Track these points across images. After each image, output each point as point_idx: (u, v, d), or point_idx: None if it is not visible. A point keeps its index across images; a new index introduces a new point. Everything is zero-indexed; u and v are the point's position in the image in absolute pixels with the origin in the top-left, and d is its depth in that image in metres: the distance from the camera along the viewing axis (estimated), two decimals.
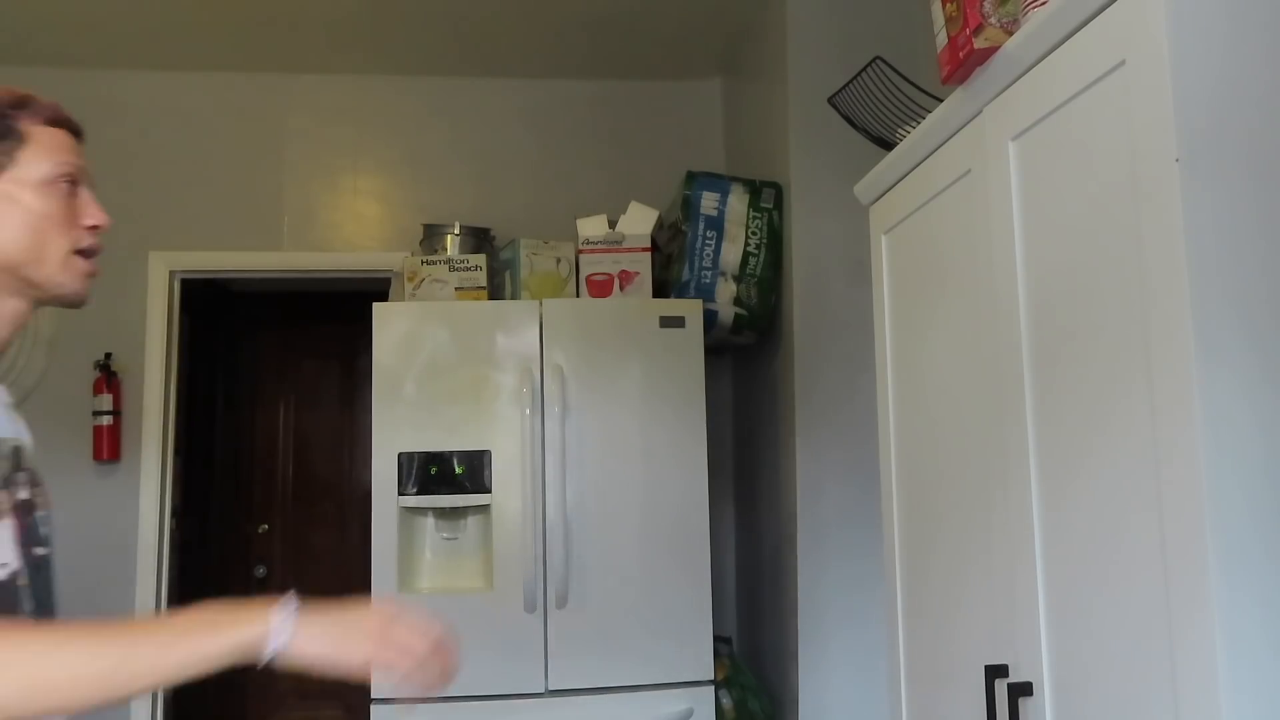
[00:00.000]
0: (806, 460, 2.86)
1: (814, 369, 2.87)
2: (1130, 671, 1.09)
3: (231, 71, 3.64)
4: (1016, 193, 1.33)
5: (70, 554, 3.76)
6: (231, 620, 0.96)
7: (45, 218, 1.19)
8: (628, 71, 3.73)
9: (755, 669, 3.18)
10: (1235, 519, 0.96)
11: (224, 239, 3.59)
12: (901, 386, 1.78)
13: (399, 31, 3.39)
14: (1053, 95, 1.23)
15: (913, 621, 1.72)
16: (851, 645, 2.78)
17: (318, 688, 4.81)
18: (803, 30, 2.98)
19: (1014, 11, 1.36)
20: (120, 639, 0.94)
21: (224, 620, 0.96)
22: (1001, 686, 1.32)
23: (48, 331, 3.45)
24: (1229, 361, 0.98)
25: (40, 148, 1.22)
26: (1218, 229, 1.00)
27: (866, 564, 2.68)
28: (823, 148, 2.85)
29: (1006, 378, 1.36)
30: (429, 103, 3.74)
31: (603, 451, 2.79)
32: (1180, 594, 1.00)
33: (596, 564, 2.76)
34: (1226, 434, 0.97)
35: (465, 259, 3.11)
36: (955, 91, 1.50)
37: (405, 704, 1.01)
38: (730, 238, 2.99)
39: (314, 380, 5.05)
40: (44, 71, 3.56)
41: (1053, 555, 1.25)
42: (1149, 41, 1.04)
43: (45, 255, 1.18)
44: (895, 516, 1.79)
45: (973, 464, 1.48)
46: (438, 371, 2.81)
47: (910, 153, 1.69)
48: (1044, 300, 1.28)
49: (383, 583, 2.73)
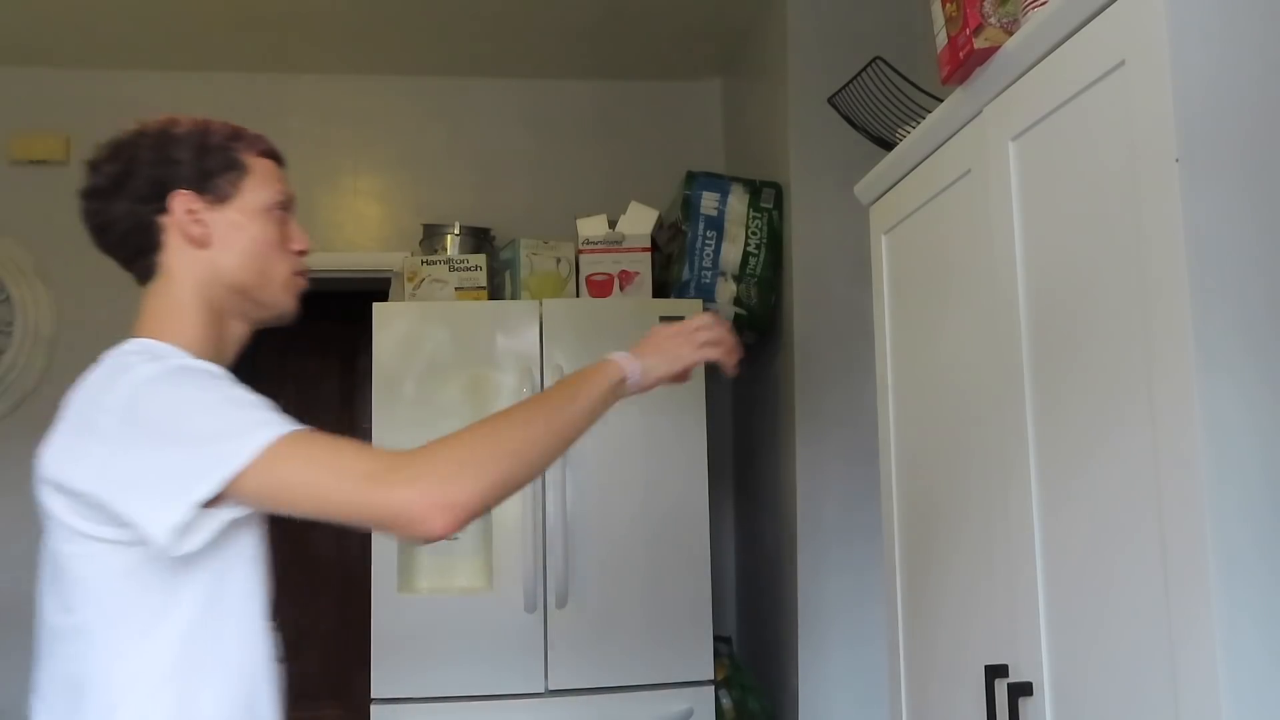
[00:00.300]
0: (806, 460, 2.86)
1: (814, 369, 2.87)
2: (1130, 671, 1.09)
3: (231, 71, 3.64)
4: (1016, 193, 1.33)
5: None
6: (601, 374, 1.23)
7: (269, 243, 1.29)
8: (628, 71, 3.73)
9: (755, 669, 3.18)
10: (1235, 518, 0.96)
11: None
12: (901, 387, 1.78)
13: (399, 31, 3.39)
14: (1053, 95, 1.23)
15: (913, 621, 1.72)
16: (851, 645, 2.78)
17: (318, 688, 4.81)
18: (803, 30, 2.98)
19: (1014, 11, 1.36)
20: (539, 409, 1.19)
21: (596, 376, 1.23)
22: (1001, 686, 1.32)
23: (48, 331, 3.46)
24: (1229, 361, 0.98)
25: (260, 177, 1.30)
26: (1218, 229, 1.00)
27: (866, 564, 2.68)
28: (823, 148, 2.85)
29: (1007, 377, 1.36)
30: (429, 103, 3.74)
31: (603, 451, 2.79)
32: (1180, 593, 1.00)
33: (596, 564, 2.76)
34: (1226, 433, 0.97)
35: (465, 259, 3.11)
36: (955, 91, 1.50)
37: None
38: (730, 238, 2.99)
39: (314, 380, 5.05)
40: (44, 71, 3.56)
41: (1053, 555, 1.25)
42: (1149, 41, 1.04)
43: (270, 278, 1.30)
44: (895, 516, 1.79)
45: (973, 464, 1.48)
46: (438, 371, 2.81)
47: (910, 153, 1.69)
48: (1044, 300, 1.28)
49: (383, 582, 2.73)
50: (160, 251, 1.25)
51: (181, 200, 1.23)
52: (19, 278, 3.45)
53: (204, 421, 1.08)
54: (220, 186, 1.26)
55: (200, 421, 1.08)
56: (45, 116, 3.57)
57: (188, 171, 1.24)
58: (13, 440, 3.34)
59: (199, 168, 1.25)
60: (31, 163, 3.52)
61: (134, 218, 1.24)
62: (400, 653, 2.70)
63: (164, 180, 1.24)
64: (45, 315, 3.45)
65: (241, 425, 1.08)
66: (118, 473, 1.08)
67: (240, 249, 1.26)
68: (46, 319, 3.45)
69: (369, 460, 1.08)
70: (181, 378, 1.12)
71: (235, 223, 1.26)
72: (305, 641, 4.79)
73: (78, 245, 1.31)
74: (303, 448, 1.08)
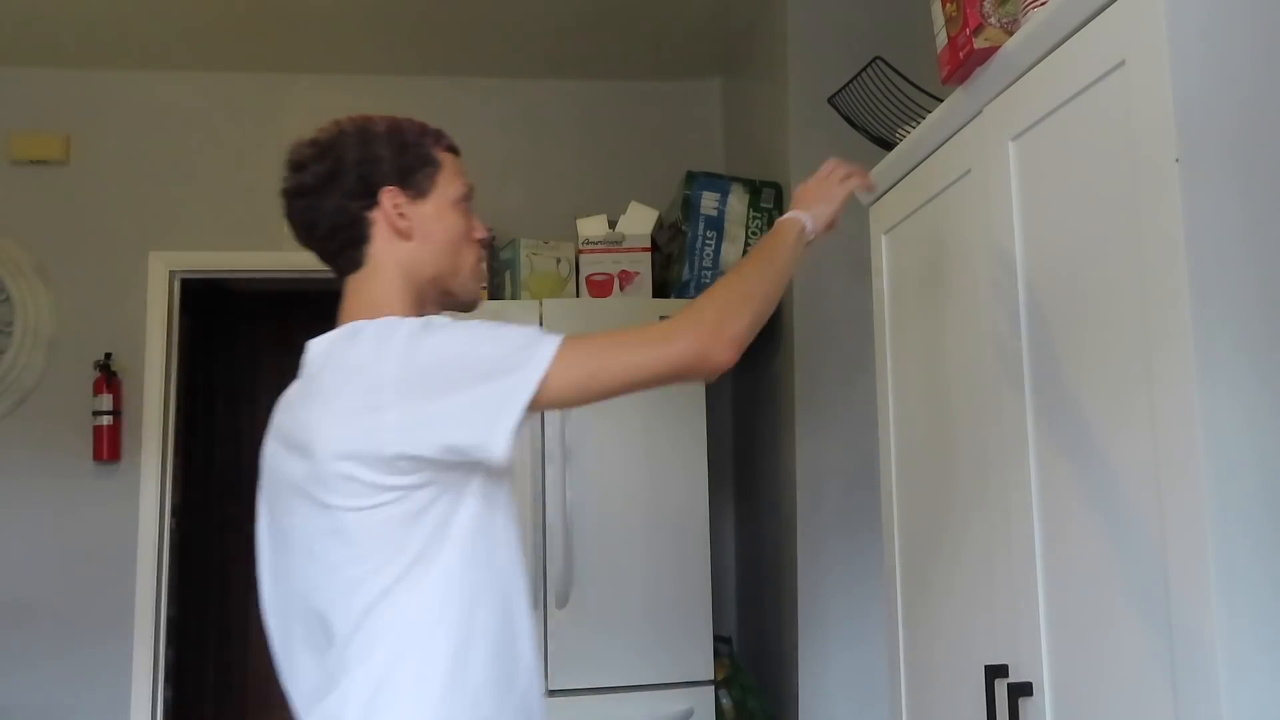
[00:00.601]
0: (806, 460, 2.86)
1: (814, 369, 2.87)
2: (1130, 671, 1.09)
3: (231, 71, 3.64)
4: (1016, 193, 1.33)
5: (70, 554, 3.77)
6: (787, 230, 1.42)
7: (461, 234, 1.38)
8: (628, 71, 3.73)
9: (755, 669, 3.18)
10: (1235, 518, 0.96)
11: (224, 239, 3.59)
12: (901, 386, 1.78)
13: (399, 31, 3.40)
14: (1053, 95, 1.23)
15: (913, 621, 1.72)
16: (851, 645, 2.78)
17: None
18: (803, 30, 2.98)
19: (1014, 11, 1.36)
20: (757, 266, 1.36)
21: (784, 234, 1.42)
22: (1001, 686, 1.32)
23: (48, 331, 3.46)
24: (1228, 361, 0.98)
25: (449, 171, 1.39)
26: (1218, 229, 1.00)
27: (866, 564, 2.68)
28: (823, 148, 2.83)
29: (1006, 377, 1.36)
30: (429, 103, 3.72)
31: (603, 451, 2.79)
32: (1180, 593, 1.00)
33: (596, 564, 2.76)
34: (1226, 433, 0.97)
35: None
36: (955, 91, 1.50)
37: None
38: (730, 238, 2.99)
39: None
40: (44, 71, 3.56)
41: (1053, 555, 1.25)
42: (1149, 41, 1.04)
43: (460, 268, 1.38)
44: (895, 516, 1.79)
45: (973, 464, 1.48)
46: None
47: (910, 153, 1.69)
48: (1044, 299, 1.28)
49: None
50: (368, 243, 1.33)
51: (389, 195, 1.32)
52: (19, 278, 3.45)
53: (489, 350, 1.19)
54: (419, 181, 1.34)
55: (486, 351, 1.19)
56: (45, 116, 3.57)
57: (390, 168, 1.33)
58: (13, 440, 3.35)
59: (399, 164, 1.33)
60: (31, 163, 3.52)
61: (344, 213, 1.32)
62: None
63: (370, 176, 1.32)
64: (45, 315, 3.45)
65: (525, 341, 1.19)
66: (435, 421, 1.16)
67: (438, 240, 1.35)
68: (46, 319, 3.45)
69: (646, 329, 1.26)
70: (439, 327, 1.21)
71: (432, 216, 1.35)
72: None
73: (78, 245, 1.32)
74: (587, 342, 1.21)
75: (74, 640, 3.33)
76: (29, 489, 3.34)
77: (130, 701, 3.34)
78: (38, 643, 3.29)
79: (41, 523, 3.34)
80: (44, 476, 3.34)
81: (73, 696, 3.31)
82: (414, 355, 1.18)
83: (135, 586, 3.40)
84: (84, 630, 3.33)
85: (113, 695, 3.34)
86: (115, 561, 3.39)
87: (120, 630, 3.36)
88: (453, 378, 1.17)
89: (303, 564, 1.25)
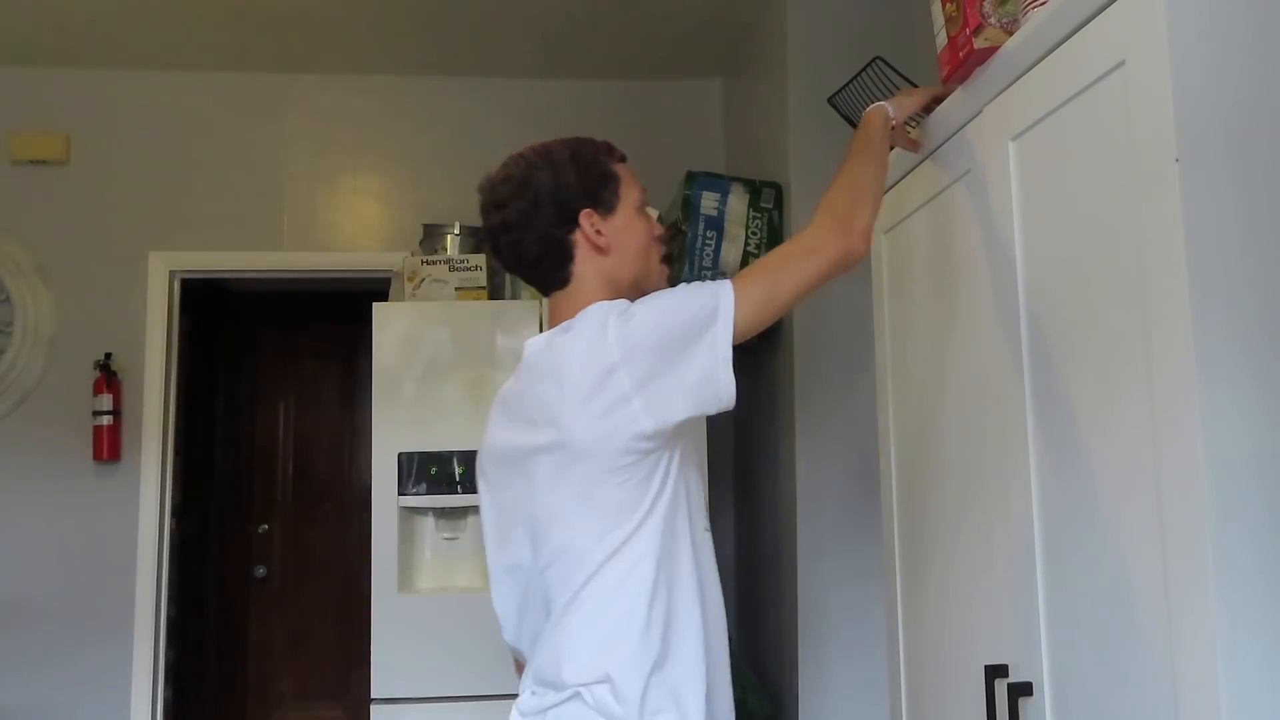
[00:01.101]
0: (806, 460, 2.86)
1: (814, 369, 2.87)
2: (1130, 671, 1.09)
3: (231, 71, 3.64)
4: (1016, 193, 1.34)
5: (70, 554, 3.77)
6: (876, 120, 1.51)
7: (648, 238, 1.51)
8: (628, 71, 3.73)
9: (755, 669, 3.18)
10: (1235, 518, 0.96)
11: (224, 239, 3.59)
12: (901, 386, 1.78)
13: (399, 31, 3.39)
14: (1053, 95, 1.23)
15: (913, 621, 1.72)
16: (851, 645, 2.78)
17: (318, 688, 4.81)
18: (803, 30, 2.98)
19: (1014, 11, 1.36)
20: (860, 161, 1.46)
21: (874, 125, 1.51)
22: (1001, 686, 1.32)
23: (48, 331, 3.46)
24: (1228, 360, 0.98)
25: (627, 182, 1.52)
26: (1218, 229, 1.00)
27: (866, 563, 2.67)
28: (823, 148, 2.85)
29: (1006, 377, 1.36)
30: (429, 103, 3.74)
31: None
32: (1179, 593, 1.00)
33: None
34: (1226, 432, 0.97)
35: (465, 259, 3.11)
36: (955, 91, 1.50)
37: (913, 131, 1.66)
38: (730, 238, 2.99)
39: (314, 380, 5.04)
40: (44, 71, 3.56)
41: (1053, 555, 1.25)
42: (1149, 41, 1.04)
43: (651, 268, 1.52)
44: (895, 516, 1.79)
45: (973, 463, 1.48)
46: (438, 371, 2.81)
47: (909, 153, 1.69)
48: (1044, 299, 1.28)
49: (383, 582, 2.73)
50: (573, 263, 1.46)
51: (587, 217, 1.44)
52: (19, 278, 3.45)
53: (681, 316, 1.32)
54: (607, 199, 1.47)
55: (679, 318, 1.32)
56: (45, 116, 3.57)
57: (580, 191, 1.45)
58: (13, 440, 3.35)
59: (585, 186, 1.46)
60: (31, 163, 3.53)
61: (551, 241, 1.45)
62: (400, 653, 2.70)
63: (569, 203, 1.44)
64: (45, 315, 3.45)
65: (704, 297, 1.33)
66: (673, 392, 1.31)
67: (631, 249, 1.48)
68: (46, 319, 3.45)
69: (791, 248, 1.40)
70: (633, 309, 1.34)
71: (623, 227, 1.47)
72: (305, 641, 4.79)
73: (78, 245, 1.32)
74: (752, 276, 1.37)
75: (74, 640, 3.33)
76: (29, 489, 3.34)
77: (130, 702, 3.34)
78: (38, 643, 3.29)
79: (41, 523, 3.34)
80: (44, 476, 3.35)
81: (73, 697, 3.31)
82: (628, 338, 1.31)
83: (135, 587, 3.40)
84: (84, 630, 3.33)
85: (113, 695, 3.34)
86: (115, 562, 3.40)
87: (120, 630, 3.36)
88: (667, 350, 1.31)
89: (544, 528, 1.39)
